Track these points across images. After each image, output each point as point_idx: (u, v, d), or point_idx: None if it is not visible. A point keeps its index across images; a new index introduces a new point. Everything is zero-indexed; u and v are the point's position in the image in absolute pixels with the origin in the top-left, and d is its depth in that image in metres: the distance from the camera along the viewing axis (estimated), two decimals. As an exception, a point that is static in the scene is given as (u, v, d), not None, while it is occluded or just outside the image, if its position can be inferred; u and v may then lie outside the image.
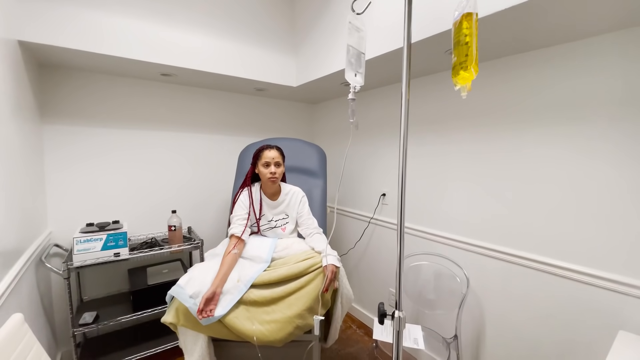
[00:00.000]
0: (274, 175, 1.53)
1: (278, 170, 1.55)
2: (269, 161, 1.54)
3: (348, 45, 0.97)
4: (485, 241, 1.54)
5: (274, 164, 1.54)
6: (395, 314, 0.91)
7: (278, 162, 1.56)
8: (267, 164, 1.54)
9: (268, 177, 1.54)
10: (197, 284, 1.28)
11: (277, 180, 1.57)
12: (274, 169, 1.53)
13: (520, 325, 1.42)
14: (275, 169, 1.54)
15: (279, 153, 1.58)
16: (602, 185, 1.16)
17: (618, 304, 1.13)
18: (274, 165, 1.54)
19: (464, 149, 1.62)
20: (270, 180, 1.54)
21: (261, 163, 1.56)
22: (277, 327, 1.27)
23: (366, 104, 2.24)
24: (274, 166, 1.54)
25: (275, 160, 1.54)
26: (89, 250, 1.57)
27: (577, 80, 1.21)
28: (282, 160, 1.60)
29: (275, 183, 1.57)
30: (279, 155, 1.57)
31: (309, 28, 2.04)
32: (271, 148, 1.58)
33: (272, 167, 1.53)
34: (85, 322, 1.59)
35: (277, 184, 1.60)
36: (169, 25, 1.71)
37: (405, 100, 0.89)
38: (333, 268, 1.37)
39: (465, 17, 0.84)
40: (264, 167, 1.55)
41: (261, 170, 1.56)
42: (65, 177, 1.80)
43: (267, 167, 1.54)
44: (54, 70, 1.75)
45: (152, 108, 2.07)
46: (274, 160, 1.54)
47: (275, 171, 1.53)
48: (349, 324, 2.32)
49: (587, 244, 1.21)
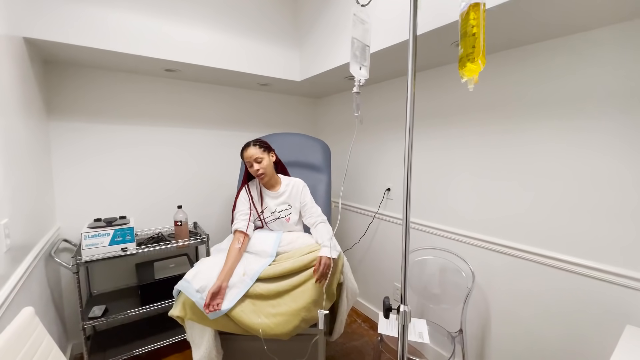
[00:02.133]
0: (258, 171, 1.53)
1: (261, 165, 1.53)
2: (249, 161, 1.54)
3: (353, 38, 0.96)
4: (491, 236, 1.53)
5: (254, 161, 1.53)
6: (400, 308, 0.91)
7: (257, 158, 1.53)
8: (249, 164, 1.55)
9: (256, 176, 1.56)
10: (204, 278, 1.30)
11: (266, 175, 1.56)
12: (257, 166, 1.53)
13: (526, 320, 1.42)
14: (257, 166, 1.53)
15: (257, 148, 1.55)
16: (609, 178, 1.14)
17: (625, 298, 1.12)
18: (255, 163, 1.53)
19: (469, 143, 1.61)
20: (259, 177, 1.55)
21: (245, 164, 1.57)
22: (283, 320, 1.29)
23: (370, 98, 2.22)
24: (255, 163, 1.53)
25: (254, 157, 1.53)
26: (97, 245, 1.59)
27: (587, 72, 1.18)
28: (265, 151, 1.57)
29: (265, 179, 1.57)
30: (257, 150, 1.54)
31: (313, 21, 2.02)
32: (248, 147, 1.56)
33: (254, 165, 1.53)
34: (94, 316, 1.62)
35: (268, 178, 1.58)
36: (173, 21, 1.71)
37: (411, 94, 0.88)
38: (326, 260, 1.35)
39: (473, 8, 0.82)
40: (250, 167, 1.56)
41: (250, 170, 1.57)
42: (73, 173, 1.82)
43: (251, 167, 1.55)
44: (60, 67, 1.76)
45: (156, 104, 2.08)
46: (252, 158, 1.53)
47: (257, 168, 1.53)
48: (354, 318, 2.34)
49: (594, 238, 1.19)
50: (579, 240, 1.23)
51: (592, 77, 1.17)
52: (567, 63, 1.24)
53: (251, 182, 1.67)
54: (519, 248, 1.41)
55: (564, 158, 1.26)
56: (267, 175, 1.56)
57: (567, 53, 1.23)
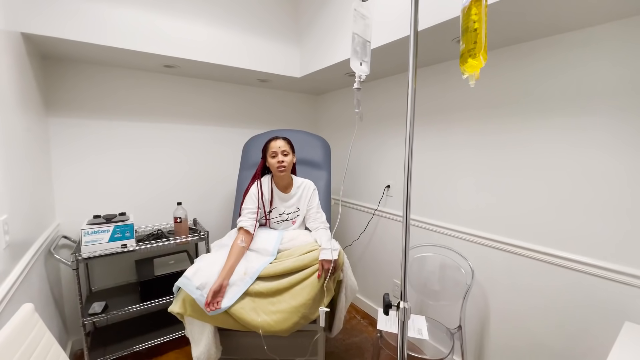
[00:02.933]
0: (282, 163, 1.53)
1: (286, 159, 1.54)
2: (275, 151, 1.54)
3: (353, 33, 0.95)
4: (490, 232, 1.53)
5: (281, 152, 1.54)
6: (400, 304, 0.92)
7: (285, 151, 1.55)
8: (274, 154, 1.54)
9: (276, 167, 1.53)
10: (204, 275, 1.30)
11: (286, 170, 1.56)
12: (282, 158, 1.53)
13: (524, 316, 1.42)
14: (282, 158, 1.53)
15: (285, 142, 1.58)
16: (609, 176, 1.14)
17: (624, 295, 1.12)
18: (281, 154, 1.54)
19: (469, 140, 1.60)
20: (279, 169, 1.53)
21: (269, 154, 1.56)
22: (282, 317, 1.29)
23: (371, 94, 2.21)
24: (281, 155, 1.54)
25: (281, 149, 1.54)
26: (96, 241, 1.59)
27: (588, 69, 1.18)
28: (291, 149, 1.59)
29: (284, 172, 1.56)
30: (285, 144, 1.57)
31: (313, 17, 2.00)
32: (277, 139, 1.57)
33: (279, 156, 1.53)
34: (94, 312, 1.63)
35: (286, 173, 1.58)
36: (172, 16, 1.69)
37: (412, 90, 0.87)
38: (327, 265, 1.36)
39: (475, 3, 0.81)
40: (272, 158, 1.55)
41: (270, 161, 1.56)
42: (72, 169, 1.82)
43: (275, 157, 1.54)
44: (58, 63, 1.74)
45: (156, 100, 2.06)
46: (280, 149, 1.54)
47: (282, 159, 1.53)
48: (353, 315, 2.35)
49: (592, 235, 1.19)
50: (579, 238, 1.23)
51: (593, 74, 1.16)
52: (569, 59, 1.23)
53: (264, 178, 1.65)
54: (518, 245, 1.41)
55: (563, 156, 1.26)
56: (287, 169, 1.57)
57: (569, 49, 1.22)
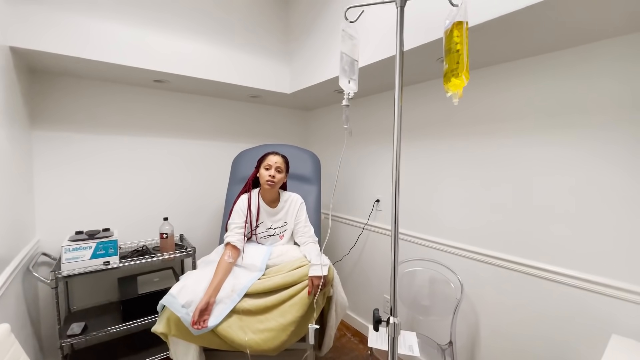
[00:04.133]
0: (273, 179, 1.53)
1: (278, 175, 1.55)
2: (271, 164, 1.55)
3: (341, 53, 0.98)
4: (479, 246, 1.55)
5: (275, 168, 1.55)
6: (390, 320, 0.91)
7: (279, 168, 1.56)
8: (268, 167, 1.55)
9: (266, 180, 1.53)
10: (190, 293, 1.26)
11: (274, 186, 1.56)
12: (274, 173, 1.54)
13: (514, 330, 1.42)
14: (275, 173, 1.54)
15: (282, 160, 1.59)
16: (595, 190, 1.18)
17: (611, 308, 1.14)
18: (275, 170, 1.54)
19: (456, 155, 1.64)
20: (268, 183, 1.53)
21: (264, 165, 1.56)
22: (271, 335, 1.26)
23: (360, 110, 2.26)
24: (275, 170, 1.54)
25: (277, 165, 1.55)
26: (77, 258, 1.53)
27: (567, 86, 1.24)
28: (285, 168, 1.60)
29: (272, 188, 1.56)
30: (282, 162, 1.58)
31: (303, 35, 2.06)
32: (276, 154, 1.59)
33: (272, 171, 1.54)
34: (73, 333, 1.55)
35: (274, 189, 1.59)
36: (163, 32, 1.71)
37: (398, 107, 0.90)
38: (317, 281, 1.35)
39: (456, 26, 0.85)
40: (265, 170, 1.55)
41: (262, 172, 1.56)
42: (55, 184, 1.77)
43: (268, 170, 1.54)
44: (46, 76, 1.73)
45: (144, 114, 2.06)
46: (276, 164, 1.55)
47: (274, 175, 1.53)
48: (343, 332, 2.30)
49: (580, 249, 1.22)
50: (566, 251, 1.26)
51: (572, 91, 1.22)
52: (550, 78, 1.29)
53: (253, 191, 1.65)
54: (507, 259, 1.43)
55: (548, 169, 1.30)
56: (276, 186, 1.57)
57: (551, 68, 1.29)
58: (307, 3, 2.01)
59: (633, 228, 1.10)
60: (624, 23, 1.03)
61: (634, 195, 1.09)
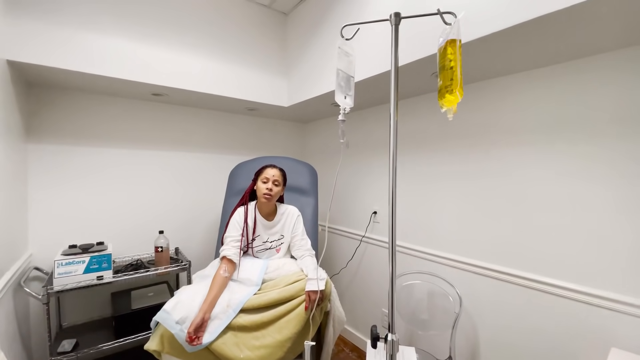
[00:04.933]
0: (270, 192, 1.52)
1: (275, 188, 1.54)
2: (268, 177, 1.54)
3: (338, 69, 1.00)
4: (477, 259, 1.54)
5: (273, 181, 1.54)
6: (388, 337, 0.89)
7: (276, 181, 1.55)
8: (265, 180, 1.54)
9: (263, 193, 1.53)
10: (184, 308, 1.24)
11: (271, 199, 1.55)
12: (271, 186, 1.53)
13: (513, 344, 1.41)
14: (272, 186, 1.53)
15: (280, 173, 1.59)
16: (594, 203, 1.19)
17: (611, 321, 1.14)
18: (272, 183, 1.54)
19: (454, 168, 1.65)
20: (265, 196, 1.53)
21: (261, 178, 1.56)
22: (267, 352, 1.23)
23: (357, 123, 2.28)
24: (272, 183, 1.54)
25: (274, 178, 1.55)
26: (70, 273, 1.50)
27: (559, 102, 1.27)
28: (283, 181, 1.60)
29: (269, 201, 1.55)
30: (280, 175, 1.58)
31: (300, 51, 2.09)
32: (274, 167, 1.59)
33: (269, 184, 1.53)
34: (64, 350, 1.51)
35: (271, 203, 1.58)
36: (162, 46, 1.73)
37: (394, 121, 0.91)
38: (314, 296, 1.33)
39: (450, 43, 0.87)
40: (262, 183, 1.54)
41: (259, 185, 1.55)
42: (49, 197, 1.75)
43: (265, 183, 1.54)
44: (44, 90, 1.74)
45: (141, 127, 2.06)
46: (273, 177, 1.54)
47: (271, 188, 1.53)
48: (341, 347, 2.26)
49: (579, 262, 1.22)
50: (565, 265, 1.26)
51: (568, 106, 1.25)
52: (545, 93, 1.32)
53: (250, 204, 1.64)
54: (506, 272, 1.42)
55: (548, 183, 1.31)
56: (273, 199, 1.56)
57: (545, 83, 1.32)
58: (304, 17, 2.05)
59: (630, 240, 1.10)
60: (613, 41, 1.07)
61: (629, 207, 1.10)
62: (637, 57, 1.08)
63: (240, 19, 2.04)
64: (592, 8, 0.88)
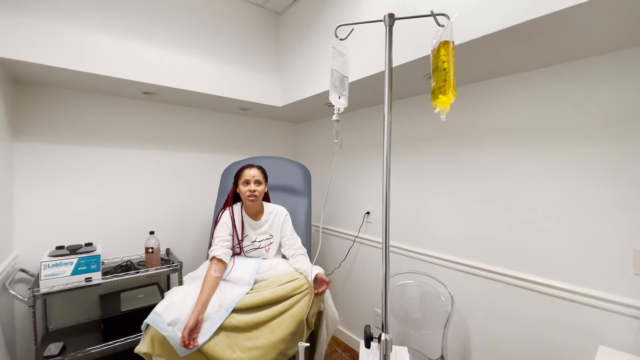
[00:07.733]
0: (253, 192, 1.51)
1: (258, 188, 1.53)
2: (248, 179, 1.53)
3: (332, 69, 1.00)
4: (469, 259, 1.56)
5: (254, 182, 1.53)
6: (381, 336, 0.89)
7: (258, 180, 1.54)
8: (246, 182, 1.53)
9: (247, 195, 1.51)
10: (176, 310, 1.22)
11: (257, 200, 1.54)
12: (254, 187, 1.52)
13: (504, 343, 1.42)
14: (254, 187, 1.52)
15: (259, 172, 1.57)
16: (584, 203, 1.21)
17: (598, 319, 1.16)
18: (254, 183, 1.52)
19: (445, 168, 1.67)
20: (249, 198, 1.52)
21: (241, 181, 1.54)
22: (259, 353, 1.22)
23: (350, 123, 2.28)
24: (254, 184, 1.52)
25: (255, 178, 1.53)
26: (57, 275, 1.47)
27: (549, 103, 1.29)
28: (264, 179, 1.58)
29: (254, 202, 1.54)
30: (259, 173, 1.56)
31: (294, 50, 2.09)
32: (252, 167, 1.57)
33: (251, 185, 1.52)
34: (50, 354, 1.47)
35: (257, 203, 1.57)
36: (153, 44, 1.71)
37: (388, 122, 0.91)
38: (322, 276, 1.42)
39: (443, 45, 0.88)
40: (244, 185, 1.53)
41: (241, 189, 1.54)
42: (36, 196, 1.71)
43: (247, 185, 1.52)
44: (31, 87, 1.69)
45: (131, 126, 2.03)
46: (253, 178, 1.53)
47: (254, 189, 1.51)
48: (334, 348, 2.26)
49: (568, 261, 1.24)
50: (554, 264, 1.28)
51: (559, 107, 1.27)
52: (536, 94, 1.34)
53: (234, 205, 1.63)
54: (494, 271, 1.44)
55: (537, 183, 1.33)
56: (258, 199, 1.55)
57: (536, 84, 1.34)
58: (298, 17, 2.05)
59: (619, 239, 1.12)
60: (603, 44, 1.09)
61: (616, 207, 1.13)
62: (628, 60, 1.11)
63: (233, 17, 2.03)
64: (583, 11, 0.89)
